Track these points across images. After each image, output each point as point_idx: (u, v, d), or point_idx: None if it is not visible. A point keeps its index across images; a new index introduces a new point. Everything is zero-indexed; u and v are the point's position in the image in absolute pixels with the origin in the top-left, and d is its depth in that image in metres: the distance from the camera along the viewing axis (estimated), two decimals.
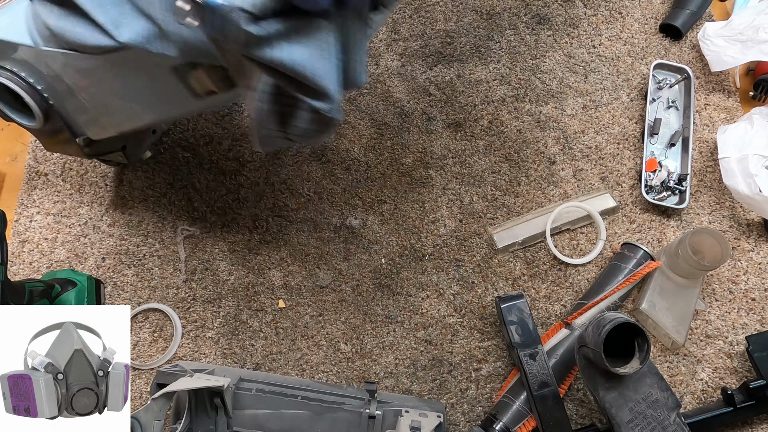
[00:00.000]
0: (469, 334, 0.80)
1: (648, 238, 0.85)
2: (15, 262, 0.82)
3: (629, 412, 0.62)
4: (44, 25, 0.63)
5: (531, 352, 0.71)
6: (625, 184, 0.88)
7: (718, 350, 0.79)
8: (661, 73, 0.95)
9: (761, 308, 0.81)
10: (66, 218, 0.84)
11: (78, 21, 0.63)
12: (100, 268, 0.82)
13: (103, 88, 0.71)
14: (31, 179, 0.87)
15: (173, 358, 0.78)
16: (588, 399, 0.77)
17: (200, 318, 0.80)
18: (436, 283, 0.82)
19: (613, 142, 0.91)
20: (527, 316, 0.72)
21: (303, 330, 0.80)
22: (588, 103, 0.94)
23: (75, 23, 0.63)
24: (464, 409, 0.76)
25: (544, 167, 0.89)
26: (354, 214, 0.86)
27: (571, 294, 0.82)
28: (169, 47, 0.61)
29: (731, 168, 0.82)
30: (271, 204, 0.86)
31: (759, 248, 0.85)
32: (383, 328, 0.80)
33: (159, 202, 0.86)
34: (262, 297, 0.81)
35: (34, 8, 0.62)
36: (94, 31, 0.63)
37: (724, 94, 0.95)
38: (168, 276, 0.82)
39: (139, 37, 0.61)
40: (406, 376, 0.78)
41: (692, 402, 0.77)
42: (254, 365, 0.78)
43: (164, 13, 0.58)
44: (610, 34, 0.99)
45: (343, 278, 0.83)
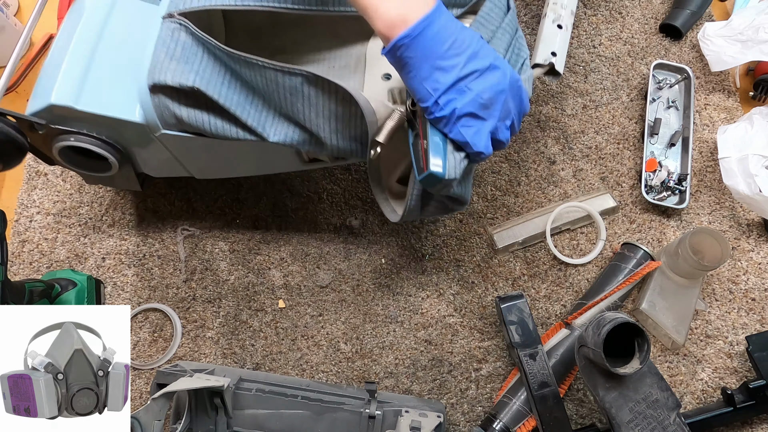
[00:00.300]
0: (469, 334, 0.80)
1: (648, 238, 0.85)
2: (15, 262, 0.82)
3: (629, 412, 0.62)
4: (173, 115, 0.62)
5: (531, 352, 0.71)
6: (625, 184, 0.88)
7: (718, 350, 0.79)
8: (661, 73, 0.95)
9: (761, 308, 0.81)
10: (66, 218, 0.84)
11: (219, 118, 0.63)
12: (100, 268, 0.82)
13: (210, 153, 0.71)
14: (31, 179, 0.87)
15: (173, 358, 0.78)
16: (588, 399, 0.77)
17: (200, 318, 0.80)
18: (436, 283, 0.82)
19: (613, 142, 0.91)
20: (527, 316, 0.72)
21: (303, 330, 0.80)
22: (588, 103, 0.94)
23: (215, 119, 0.63)
24: (464, 409, 0.76)
25: (544, 167, 0.89)
26: (354, 214, 0.86)
27: (571, 294, 0.82)
28: (321, 150, 0.65)
29: (731, 168, 0.82)
30: (271, 204, 0.86)
31: (759, 248, 0.85)
32: (383, 328, 0.80)
33: (159, 202, 0.86)
34: (262, 297, 0.81)
35: (159, 99, 0.62)
36: (239, 129, 0.64)
37: (724, 94, 0.95)
38: (168, 276, 0.82)
39: (288, 139, 0.64)
40: (406, 376, 0.78)
41: (692, 402, 0.77)
42: (254, 365, 0.78)
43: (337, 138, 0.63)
44: (610, 34, 0.99)
45: (343, 278, 0.83)
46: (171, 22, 0.62)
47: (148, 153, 0.69)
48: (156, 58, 0.61)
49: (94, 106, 0.60)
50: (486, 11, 0.65)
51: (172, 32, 0.61)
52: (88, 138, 0.63)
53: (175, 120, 0.63)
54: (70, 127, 0.61)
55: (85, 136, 0.62)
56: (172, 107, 0.62)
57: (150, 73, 0.61)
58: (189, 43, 0.61)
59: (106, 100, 0.61)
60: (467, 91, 0.52)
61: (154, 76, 0.60)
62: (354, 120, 0.63)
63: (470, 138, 0.53)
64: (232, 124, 0.63)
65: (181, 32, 0.61)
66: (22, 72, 0.93)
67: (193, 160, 0.72)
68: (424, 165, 0.56)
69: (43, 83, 0.60)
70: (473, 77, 0.52)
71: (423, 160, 0.56)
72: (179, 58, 0.60)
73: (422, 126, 0.57)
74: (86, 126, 0.62)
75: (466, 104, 0.52)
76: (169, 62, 0.60)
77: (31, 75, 0.94)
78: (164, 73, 0.60)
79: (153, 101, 0.61)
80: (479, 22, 0.65)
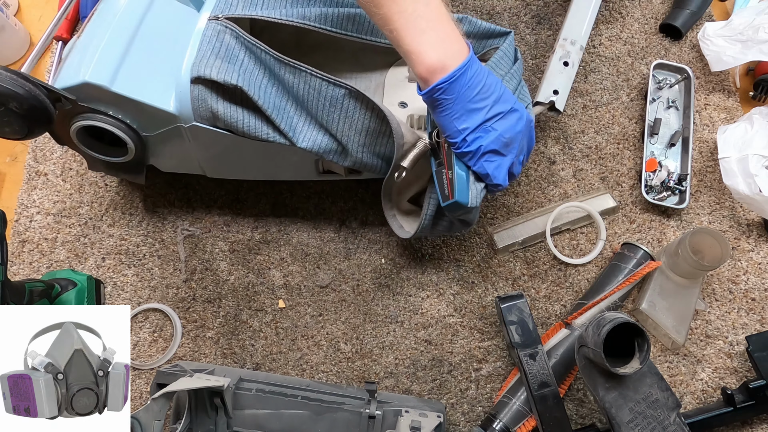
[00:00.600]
0: (469, 334, 0.80)
1: (648, 238, 0.85)
2: (15, 262, 0.82)
3: (629, 412, 0.62)
4: (209, 109, 0.65)
5: (531, 352, 0.71)
6: (625, 184, 0.88)
7: (718, 350, 0.79)
8: (661, 73, 0.95)
9: (761, 308, 0.81)
10: (66, 218, 0.84)
11: (254, 117, 0.66)
12: (100, 268, 0.82)
13: (231, 152, 0.73)
14: (31, 179, 0.87)
15: (173, 358, 0.78)
16: (588, 399, 0.77)
17: (200, 318, 0.80)
18: (436, 283, 0.82)
19: (613, 142, 0.91)
20: (527, 316, 0.72)
21: (303, 330, 0.80)
22: (588, 103, 0.94)
23: (249, 117, 0.66)
24: (464, 409, 0.76)
25: (544, 167, 0.89)
26: (354, 214, 0.86)
27: (571, 294, 0.82)
28: (344, 160, 0.70)
29: (731, 168, 0.82)
30: (271, 204, 0.86)
31: (759, 248, 0.85)
32: (383, 328, 0.80)
33: (159, 202, 0.86)
34: (262, 297, 0.81)
35: (199, 91, 0.64)
36: (270, 130, 0.67)
37: (724, 94, 0.95)
38: (168, 276, 0.82)
39: (316, 146, 0.68)
40: (406, 376, 0.78)
41: (692, 402, 0.77)
42: (254, 365, 0.78)
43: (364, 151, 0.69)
44: (610, 34, 0.99)
45: (343, 278, 0.83)
46: (217, 24, 0.66)
47: (166, 145, 0.71)
48: (201, 53, 0.64)
49: (129, 90, 0.62)
50: (497, 59, 0.73)
51: (218, 33, 0.65)
52: (112, 120, 0.64)
53: (210, 114, 0.65)
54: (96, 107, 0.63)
55: (110, 117, 0.64)
56: (209, 101, 0.64)
57: (194, 66, 0.64)
58: (233, 44, 0.65)
59: (141, 86, 0.63)
60: (492, 131, 0.59)
61: (199, 69, 0.63)
62: (382, 138, 0.69)
63: (492, 171, 0.60)
64: (265, 124, 0.66)
65: (226, 34, 0.65)
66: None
67: (212, 156, 0.74)
68: (450, 193, 0.63)
69: (75, 61, 0.62)
70: (497, 119, 0.59)
71: (448, 189, 0.64)
72: (223, 57, 0.64)
73: (447, 157, 0.64)
74: (112, 108, 0.64)
75: (491, 142, 0.59)
76: (214, 59, 0.64)
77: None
78: (209, 68, 0.63)
79: (192, 93, 0.64)
80: (490, 67, 0.72)
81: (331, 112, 0.67)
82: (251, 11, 0.68)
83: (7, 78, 0.56)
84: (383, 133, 0.68)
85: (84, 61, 0.61)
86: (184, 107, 0.65)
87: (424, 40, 0.56)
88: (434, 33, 0.56)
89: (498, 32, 0.77)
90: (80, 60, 0.62)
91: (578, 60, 0.85)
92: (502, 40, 0.77)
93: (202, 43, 0.65)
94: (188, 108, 0.65)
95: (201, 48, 0.65)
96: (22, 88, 0.57)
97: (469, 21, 0.75)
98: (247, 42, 0.65)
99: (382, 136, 0.69)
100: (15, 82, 0.57)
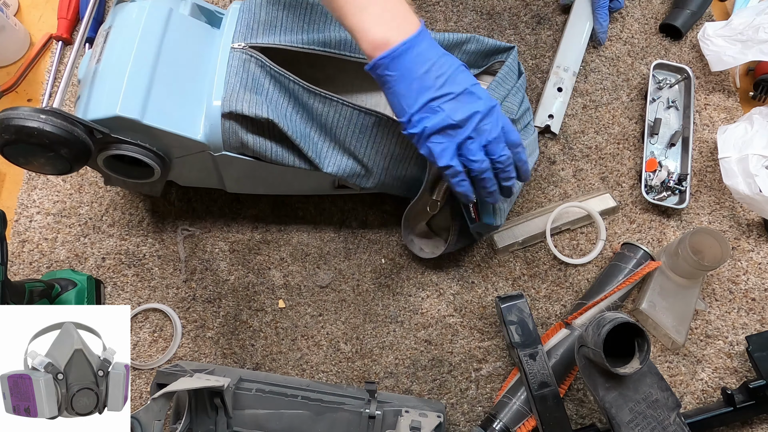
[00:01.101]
0: (469, 334, 0.80)
1: (648, 238, 0.85)
2: (15, 262, 0.82)
3: (629, 412, 0.62)
4: (239, 140, 0.66)
5: (531, 352, 0.71)
6: (625, 184, 0.88)
7: (718, 350, 0.79)
8: (661, 73, 0.95)
9: (761, 308, 0.81)
10: (66, 218, 0.84)
11: (281, 146, 0.68)
12: (100, 268, 0.82)
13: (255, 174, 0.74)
14: (31, 179, 0.87)
15: (173, 358, 0.78)
16: (588, 399, 0.77)
17: (200, 318, 0.80)
18: (436, 283, 0.82)
19: (613, 142, 0.91)
20: (527, 316, 0.72)
21: (303, 330, 0.80)
22: (588, 103, 0.94)
23: (277, 147, 0.67)
24: (464, 409, 0.76)
25: (544, 167, 0.89)
26: (354, 214, 0.86)
27: (571, 294, 0.82)
28: (366, 182, 0.73)
29: (731, 168, 0.82)
30: (271, 204, 0.86)
31: (759, 248, 0.85)
32: (383, 328, 0.80)
33: (159, 202, 0.86)
34: (262, 297, 0.81)
35: (230, 125, 0.65)
36: (296, 157, 0.69)
37: (724, 94, 0.95)
38: (168, 276, 0.82)
39: (341, 171, 0.70)
40: (406, 376, 0.78)
41: (692, 402, 0.77)
42: (254, 365, 0.78)
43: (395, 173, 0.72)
44: (610, 34, 0.99)
45: (343, 278, 0.83)
46: (242, 53, 0.66)
47: (191, 167, 0.72)
48: (230, 87, 0.64)
49: (159, 122, 0.62)
50: (503, 75, 0.76)
51: (243, 63, 0.65)
52: (140, 149, 0.64)
53: (240, 144, 0.66)
54: (125, 137, 0.63)
55: (138, 146, 0.64)
56: (240, 133, 0.65)
57: (225, 101, 0.64)
58: (257, 73, 0.65)
59: (170, 117, 0.63)
60: (439, 112, 0.56)
61: (230, 105, 0.63)
62: (405, 162, 0.72)
63: (436, 153, 0.57)
64: (292, 153, 0.68)
65: (251, 63, 0.65)
66: (22, 72, 0.93)
67: (236, 177, 0.75)
68: (476, 216, 0.69)
69: (101, 91, 0.62)
70: (446, 99, 0.56)
71: (474, 212, 0.69)
72: (251, 89, 0.65)
73: None
74: (140, 137, 0.64)
75: (437, 123, 0.56)
76: (243, 92, 0.64)
77: (30, 75, 0.94)
78: (240, 103, 0.63)
79: (223, 126, 0.65)
80: (497, 82, 0.75)
81: (360, 138, 0.69)
82: (273, 39, 0.68)
83: (60, 124, 0.57)
84: (407, 157, 0.71)
85: (112, 92, 0.61)
86: (214, 137, 0.65)
87: (367, 15, 0.54)
88: (377, 8, 0.55)
89: (503, 48, 0.80)
90: (107, 91, 0.61)
91: (571, 85, 0.92)
92: (507, 55, 0.80)
93: (228, 75, 0.65)
94: (218, 139, 0.65)
95: (228, 80, 0.65)
96: (71, 134, 0.57)
97: (476, 40, 0.77)
98: (274, 71, 0.66)
99: (406, 160, 0.72)
100: (66, 128, 0.57)
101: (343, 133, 0.68)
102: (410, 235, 0.80)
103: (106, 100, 0.61)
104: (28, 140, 0.56)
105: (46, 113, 0.57)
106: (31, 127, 0.56)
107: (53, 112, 0.57)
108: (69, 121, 0.58)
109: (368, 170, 0.71)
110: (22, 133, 0.56)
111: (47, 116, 0.56)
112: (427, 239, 0.81)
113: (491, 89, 0.76)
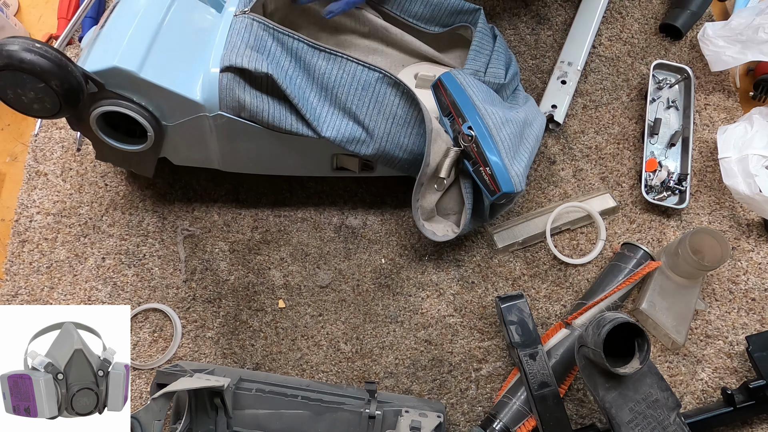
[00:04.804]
0: (469, 334, 0.80)
1: (648, 238, 0.85)
2: (15, 262, 0.82)
3: (629, 412, 0.62)
4: (236, 98, 0.66)
5: (531, 352, 0.71)
6: (625, 184, 0.88)
7: (718, 350, 0.79)
8: (661, 73, 0.95)
9: (761, 308, 0.81)
10: (66, 218, 0.84)
11: (279, 107, 0.67)
12: (100, 268, 0.82)
13: (250, 144, 0.74)
14: (31, 179, 0.87)
15: (173, 358, 0.78)
16: (588, 399, 0.77)
17: (200, 318, 0.80)
18: (436, 283, 0.82)
19: (613, 142, 0.91)
20: (527, 316, 0.72)
21: (303, 330, 0.80)
22: (588, 103, 0.94)
23: (275, 107, 0.67)
24: (464, 409, 0.76)
25: (544, 167, 0.89)
26: (354, 214, 0.86)
27: (571, 294, 0.82)
28: (366, 149, 0.71)
29: (731, 168, 0.82)
30: (271, 204, 0.86)
31: (759, 248, 0.85)
32: (383, 328, 0.80)
33: (159, 202, 0.86)
34: (262, 297, 0.81)
35: (227, 80, 0.65)
36: (294, 120, 0.68)
37: (724, 94, 0.95)
38: (168, 276, 0.82)
39: (340, 135, 0.69)
40: (406, 376, 0.78)
41: (692, 402, 0.77)
42: (254, 365, 0.78)
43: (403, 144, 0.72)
44: (610, 34, 0.99)
45: (343, 278, 0.83)
46: (245, 17, 0.67)
47: (186, 135, 0.71)
48: (231, 44, 0.65)
49: (156, 77, 0.63)
50: (478, 41, 0.76)
51: (246, 25, 0.67)
52: (135, 107, 0.64)
53: (237, 103, 0.66)
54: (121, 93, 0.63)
55: (134, 104, 0.64)
56: (237, 90, 0.65)
57: (225, 55, 0.65)
58: (261, 34, 0.67)
59: (168, 74, 0.64)
60: None
61: (230, 59, 0.64)
62: (407, 128, 0.71)
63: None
64: (290, 114, 0.68)
65: (254, 24, 0.67)
66: None
67: (230, 149, 0.74)
68: (495, 187, 0.67)
69: (102, 47, 0.63)
70: None
71: (492, 184, 0.67)
72: (253, 47, 0.65)
73: (479, 156, 0.67)
74: (137, 95, 0.64)
75: None
76: (245, 49, 0.65)
77: None
78: (240, 57, 0.64)
79: (221, 82, 0.65)
80: (475, 50, 0.75)
81: (362, 96, 0.68)
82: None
83: (53, 56, 0.56)
84: (409, 122, 0.70)
85: (112, 47, 0.62)
86: (211, 96, 0.66)
87: None
88: None
89: (467, 9, 0.79)
90: (107, 45, 0.62)
91: (575, 79, 0.92)
92: (473, 18, 0.79)
93: (231, 35, 0.66)
94: (214, 97, 0.66)
95: (230, 39, 0.66)
96: (65, 68, 0.57)
97: None
98: (277, 32, 0.67)
99: (408, 126, 0.71)
100: (60, 61, 0.57)
101: (345, 91, 0.68)
102: (421, 219, 0.78)
103: (105, 53, 0.62)
104: (20, 66, 0.55)
105: (42, 44, 0.57)
106: (25, 55, 0.55)
107: (56, 50, 0.57)
108: (64, 56, 0.58)
109: (369, 133, 0.70)
110: (14, 58, 0.55)
111: (42, 46, 0.57)
112: (438, 223, 0.79)
113: (471, 60, 0.75)
